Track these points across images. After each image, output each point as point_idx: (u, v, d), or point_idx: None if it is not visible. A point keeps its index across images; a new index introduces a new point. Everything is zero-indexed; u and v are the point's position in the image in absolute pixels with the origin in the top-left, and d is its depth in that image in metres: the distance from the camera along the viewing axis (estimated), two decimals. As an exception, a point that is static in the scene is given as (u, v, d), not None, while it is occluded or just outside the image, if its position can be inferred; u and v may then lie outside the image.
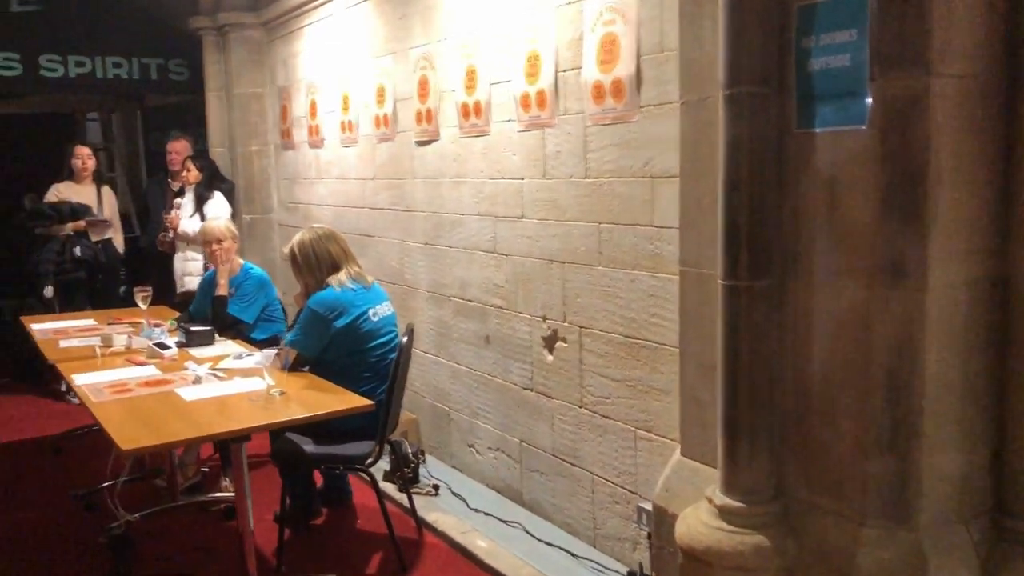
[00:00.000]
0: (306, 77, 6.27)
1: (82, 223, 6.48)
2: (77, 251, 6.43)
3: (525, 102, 3.88)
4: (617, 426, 3.50)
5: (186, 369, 3.87)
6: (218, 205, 6.45)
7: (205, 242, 4.90)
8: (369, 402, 3.35)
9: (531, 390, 4.03)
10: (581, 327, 3.65)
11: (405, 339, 3.79)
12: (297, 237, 3.94)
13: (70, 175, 6.63)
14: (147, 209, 7.10)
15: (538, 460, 4.03)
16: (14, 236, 8.15)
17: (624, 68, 3.30)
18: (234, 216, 6.63)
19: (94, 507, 4.31)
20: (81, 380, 3.71)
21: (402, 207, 5.10)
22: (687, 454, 2.79)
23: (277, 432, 3.68)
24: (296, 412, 3.24)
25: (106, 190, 6.85)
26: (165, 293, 6.60)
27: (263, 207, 7.07)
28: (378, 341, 3.82)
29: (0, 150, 12.14)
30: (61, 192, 6.53)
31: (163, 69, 7.62)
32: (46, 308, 6.35)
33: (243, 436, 3.06)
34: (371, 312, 3.82)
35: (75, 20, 7.26)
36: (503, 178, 4.11)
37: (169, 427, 3.03)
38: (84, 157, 6.61)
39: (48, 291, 6.35)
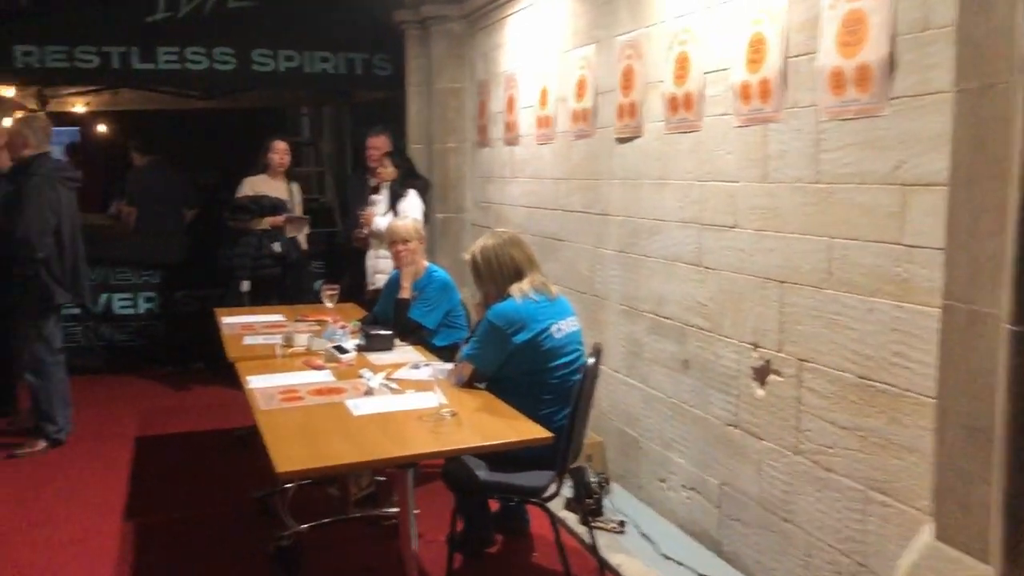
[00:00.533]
0: (505, 71, 5.98)
1: (280, 219, 6.52)
2: (277, 247, 6.46)
3: (745, 93, 3.35)
4: (842, 482, 2.91)
5: (360, 377, 3.64)
6: (411, 203, 6.30)
7: (391, 242, 4.70)
8: (548, 434, 2.95)
9: (735, 427, 3.49)
10: (801, 360, 3.08)
11: (592, 360, 3.37)
12: (479, 242, 3.61)
13: (264, 169, 6.69)
14: (345, 204, 7.08)
15: (741, 508, 3.48)
16: (213, 229, 8.49)
17: (873, 51, 2.71)
18: (427, 215, 6.46)
19: (270, 511, 4.19)
20: (254, 383, 3.55)
21: (596, 210, 4.68)
22: (944, 538, 2.19)
23: (449, 452, 3.36)
24: (467, 439, 2.90)
25: (295, 186, 6.87)
26: (358, 289, 6.55)
27: (456, 206, 6.87)
28: (561, 360, 3.42)
29: (214, 145, 12.91)
30: (256, 186, 6.59)
31: (368, 64, 7.60)
32: (239, 302, 6.44)
33: (408, 464, 2.75)
34: (554, 328, 3.43)
35: (286, 14, 7.35)
36: (713, 180, 3.59)
37: (332, 447, 2.76)
38: (282, 152, 6.65)
39: (245, 286, 6.43)
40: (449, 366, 3.72)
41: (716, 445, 3.62)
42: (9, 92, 7.73)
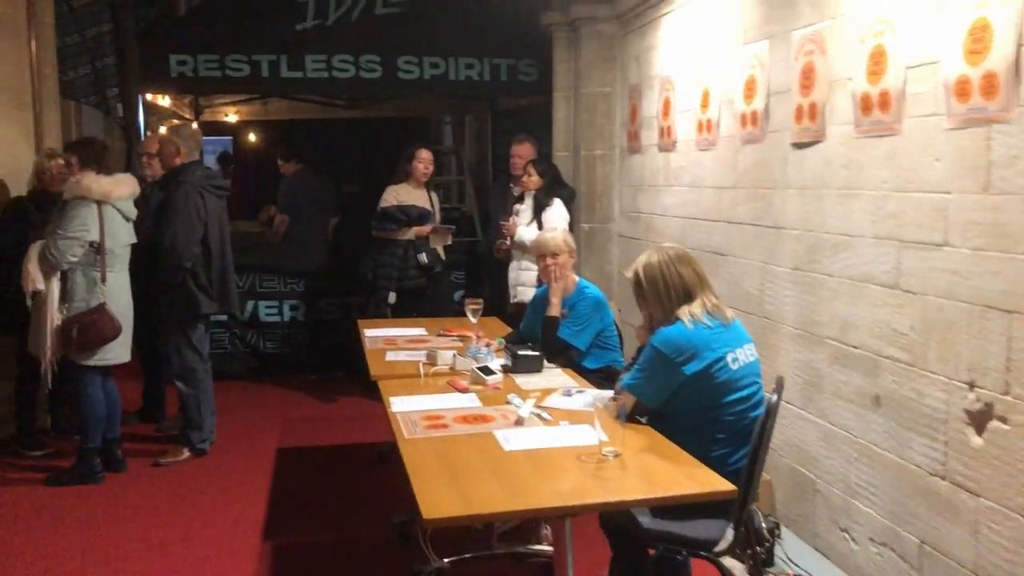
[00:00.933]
0: (661, 73, 5.60)
1: (427, 229, 6.35)
2: (423, 257, 6.30)
3: (962, 89, 2.86)
4: (1091, 559, 2.40)
5: (509, 403, 3.35)
6: (556, 213, 6.01)
7: (539, 255, 4.41)
8: (731, 487, 2.56)
9: (942, 478, 2.99)
10: (1035, 406, 2.58)
11: (774, 397, 2.95)
12: (643, 258, 3.25)
13: (406, 177, 6.53)
14: (489, 214, 6.87)
15: (949, 574, 2.98)
16: (356, 238, 8.44)
17: None
18: (572, 225, 6.16)
19: (410, 538, 3.96)
20: (398, 406, 3.32)
21: (767, 222, 4.24)
22: None
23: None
24: (635, 488, 2.55)
25: (434, 196, 6.69)
26: (499, 302, 6.32)
27: (603, 216, 6.53)
28: (737, 395, 3.02)
29: (357, 153, 13.02)
30: (400, 195, 6.44)
31: (513, 70, 7.36)
32: (383, 314, 6.31)
33: (567, 514, 2.43)
34: (730, 357, 3.03)
35: (432, 20, 7.21)
36: (917, 191, 3.11)
37: (482, 490, 2.47)
38: (426, 161, 6.48)
39: (391, 297, 6.31)
40: (606, 393, 3.39)
41: (916, 497, 3.13)
42: (164, 101, 7.93)
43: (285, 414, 6.30)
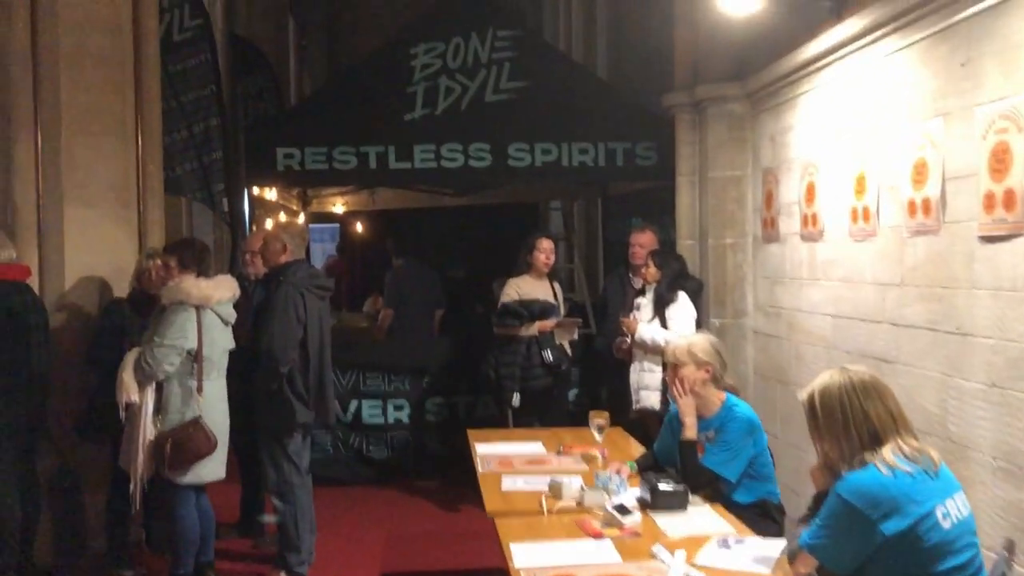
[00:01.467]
0: (801, 155, 5.05)
1: (551, 323, 5.89)
2: (548, 355, 5.82)
3: None
4: None
5: (654, 558, 2.78)
6: (681, 309, 5.47)
7: (668, 365, 3.85)
8: None
9: None
10: None
11: (996, 557, 2.30)
12: (820, 380, 2.66)
13: (527, 269, 6.10)
14: (605, 306, 6.35)
15: None
16: (471, 332, 8.05)
17: None
18: (700, 321, 5.59)
19: None
20: (522, 559, 2.79)
21: (948, 327, 3.59)
22: None
23: None
24: None
25: (557, 287, 6.23)
26: (619, 405, 5.75)
27: (735, 310, 5.92)
28: (953, 562, 2.37)
29: (462, 239, 12.77)
30: (521, 288, 6.01)
31: (629, 154, 6.92)
32: (504, 415, 5.85)
33: None
34: (940, 512, 2.39)
35: (543, 106, 6.88)
36: None
37: None
38: (548, 251, 6.04)
39: (516, 399, 5.85)
40: (773, 545, 2.78)
41: None
42: (271, 194, 7.80)
43: (390, 528, 5.83)
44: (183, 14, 6.63)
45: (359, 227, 11.58)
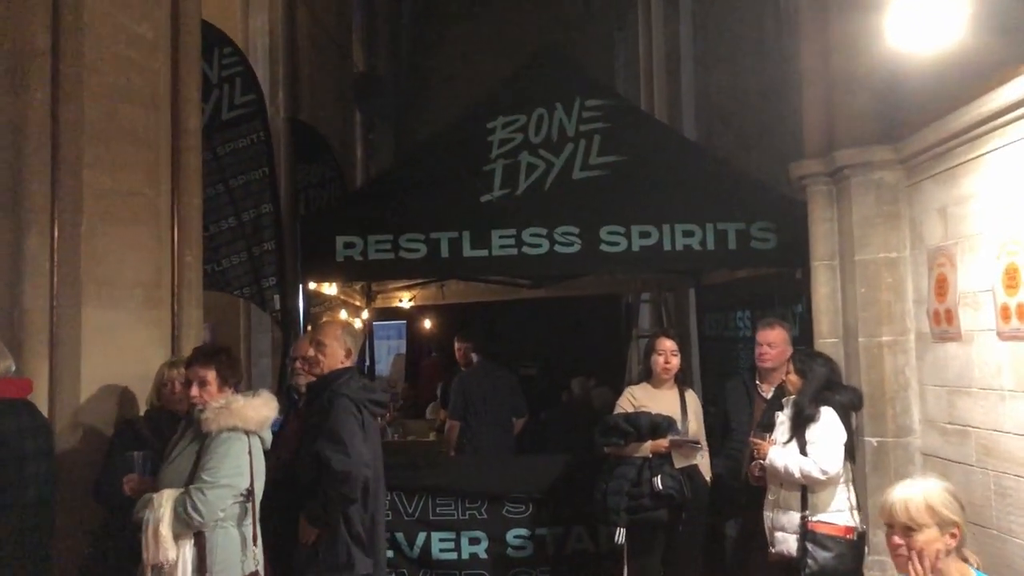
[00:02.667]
0: (986, 230, 3.96)
1: (663, 443, 4.79)
2: (658, 482, 4.70)
3: None
4: None
5: None
6: (825, 432, 4.31)
7: (886, 524, 2.71)
8: None
9: None
10: None
11: None
12: None
13: (646, 375, 5.04)
14: (726, 421, 5.22)
15: None
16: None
17: None
18: (852, 443, 4.41)
19: None
20: None
21: None
22: None
23: None
24: None
25: (691, 396, 5.13)
26: (751, 545, 4.57)
27: (897, 427, 4.73)
28: None
29: (537, 332, 11.71)
30: (637, 398, 4.94)
31: (744, 236, 5.88)
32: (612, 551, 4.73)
33: None
34: None
35: (640, 184, 5.92)
36: None
37: None
38: (668, 353, 4.97)
39: (620, 536, 4.72)
40: None
41: None
42: (331, 289, 6.92)
43: None
44: (234, 89, 5.93)
45: (427, 323, 10.64)
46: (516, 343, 11.80)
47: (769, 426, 4.62)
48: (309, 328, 5.99)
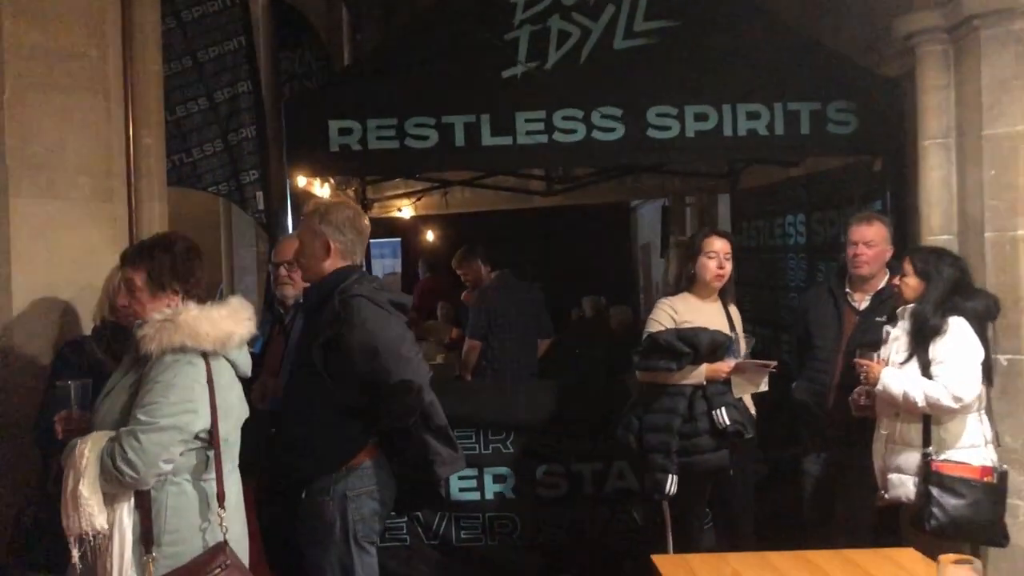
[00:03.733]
0: None
1: (726, 366, 3.88)
2: (722, 416, 3.80)
3: None
4: None
5: None
6: (956, 348, 3.44)
7: None
8: None
9: None
10: None
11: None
12: None
13: (688, 284, 4.11)
14: (808, 336, 4.31)
15: None
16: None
17: None
18: (989, 365, 3.54)
19: None
20: None
21: None
22: None
23: None
24: None
25: (735, 312, 4.20)
26: (850, 494, 3.74)
27: (1033, 342, 3.85)
28: None
29: (537, 249, 10.74)
30: (678, 312, 4.01)
31: (818, 118, 4.91)
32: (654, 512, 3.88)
33: None
34: None
35: (695, 55, 4.91)
36: None
37: None
38: (721, 256, 4.03)
39: (671, 484, 3.82)
40: None
41: None
42: (323, 190, 5.91)
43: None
44: (200, -60, 4.82)
45: (429, 236, 9.58)
46: (517, 259, 10.89)
47: (870, 344, 3.76)
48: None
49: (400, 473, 3.13)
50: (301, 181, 5.21)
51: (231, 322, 2.65)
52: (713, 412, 3.80)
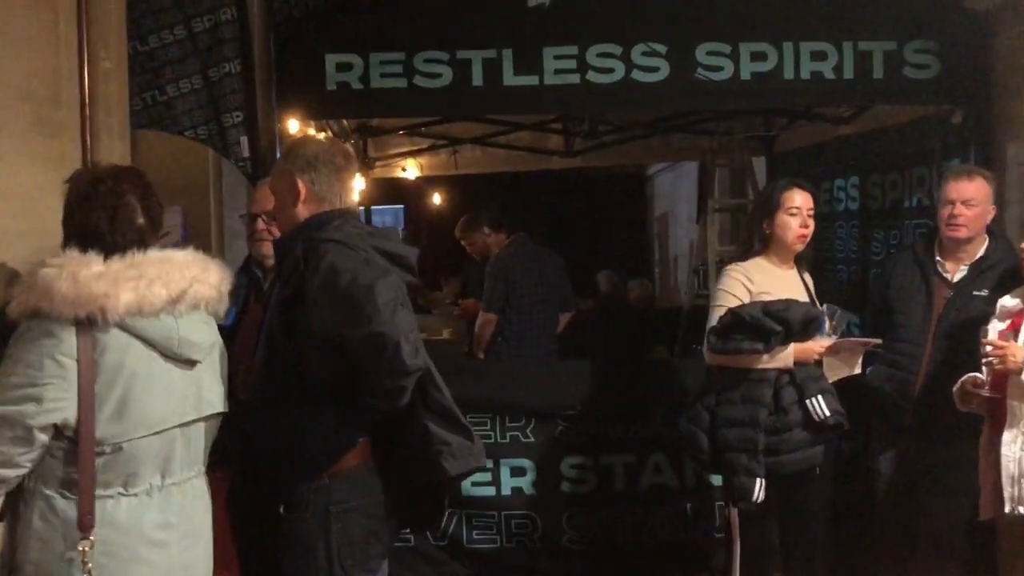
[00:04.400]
0: None
1: (819, 347, 3.23)
2: (818, 406, 3.16)
3: None
4: None
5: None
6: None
7: None
8: None
9: None
10: None
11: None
12: None
13: (762, 247, 3.44)
14: (888, 310, 3.64)
15: None
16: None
17: None
18: None
19: None
20: None
21: None
22: None
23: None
24: None
25: (807, 278, 3.54)
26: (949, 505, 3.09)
27: None
28: None
29: (548, 216, 10.06)
30: (754, 280, 3.34)
31: (894, 60, 4.24)
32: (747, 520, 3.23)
33: None
34: None
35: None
36: None
37: None
38: (805, 213, 3.36)
39: (758, 490, 3.16)
40: None
41: None
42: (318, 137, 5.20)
43: None
44: None
45: (436, 199, 8.81)
46: (527, 228, 10.19)
47: (965, 324, 3.12)
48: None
49: (397, 475, 2.44)
50: (293, 127, 4.52)
51: (126, 281, 1.95)
52: (808, 401, 3.17)
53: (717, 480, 3.80)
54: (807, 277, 3.50)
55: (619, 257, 9.58)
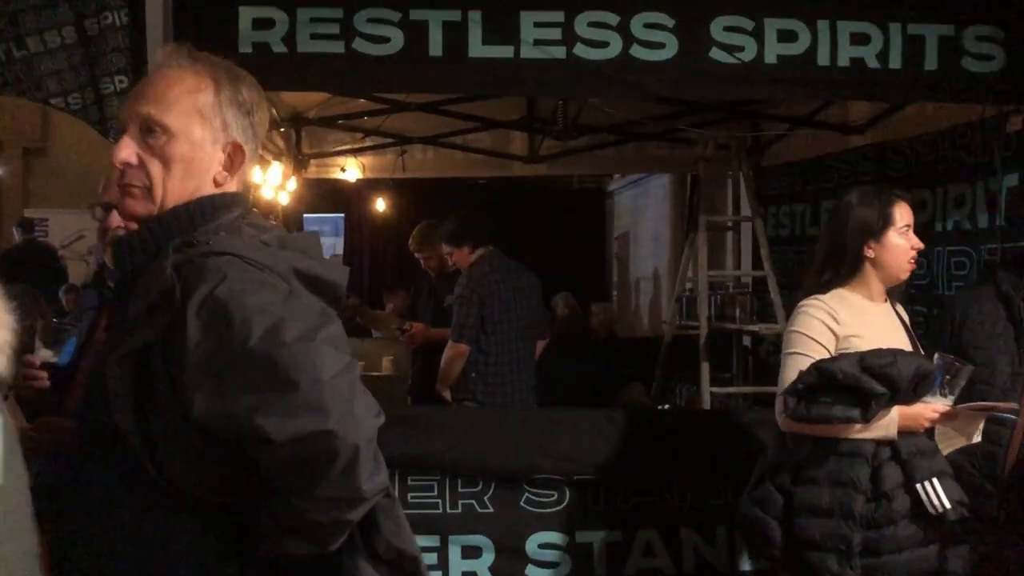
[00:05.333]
0: None
1: (933, 411, 2.39)
2: (934, 493, 2.36)
3: None
4: None
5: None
6: None
7: None
8: None
9: None
10: None
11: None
12: None
13: (850, 273, 2.55)
14: (963, 358, 2.81)
15: None
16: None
17: None
18: None
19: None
20: None
21: None
22: None
23: None
24: None
25: (900, 310, 2.69)
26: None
27: None
28: None
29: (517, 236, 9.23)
30: (841, 322, 2.45)
31: (950, 46, 3.44)
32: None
33: None
34: None
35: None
36: None
37: None
38: (907, 219, 2.51)
39: None
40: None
41: None
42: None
43: None
44: None
45: (380, 205, 7.78)
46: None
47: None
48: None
49: None
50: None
51: None
52: (920, 486, 2.36)
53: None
54: (901, 310, 2.66)
55: (574, 279, 8.77)
